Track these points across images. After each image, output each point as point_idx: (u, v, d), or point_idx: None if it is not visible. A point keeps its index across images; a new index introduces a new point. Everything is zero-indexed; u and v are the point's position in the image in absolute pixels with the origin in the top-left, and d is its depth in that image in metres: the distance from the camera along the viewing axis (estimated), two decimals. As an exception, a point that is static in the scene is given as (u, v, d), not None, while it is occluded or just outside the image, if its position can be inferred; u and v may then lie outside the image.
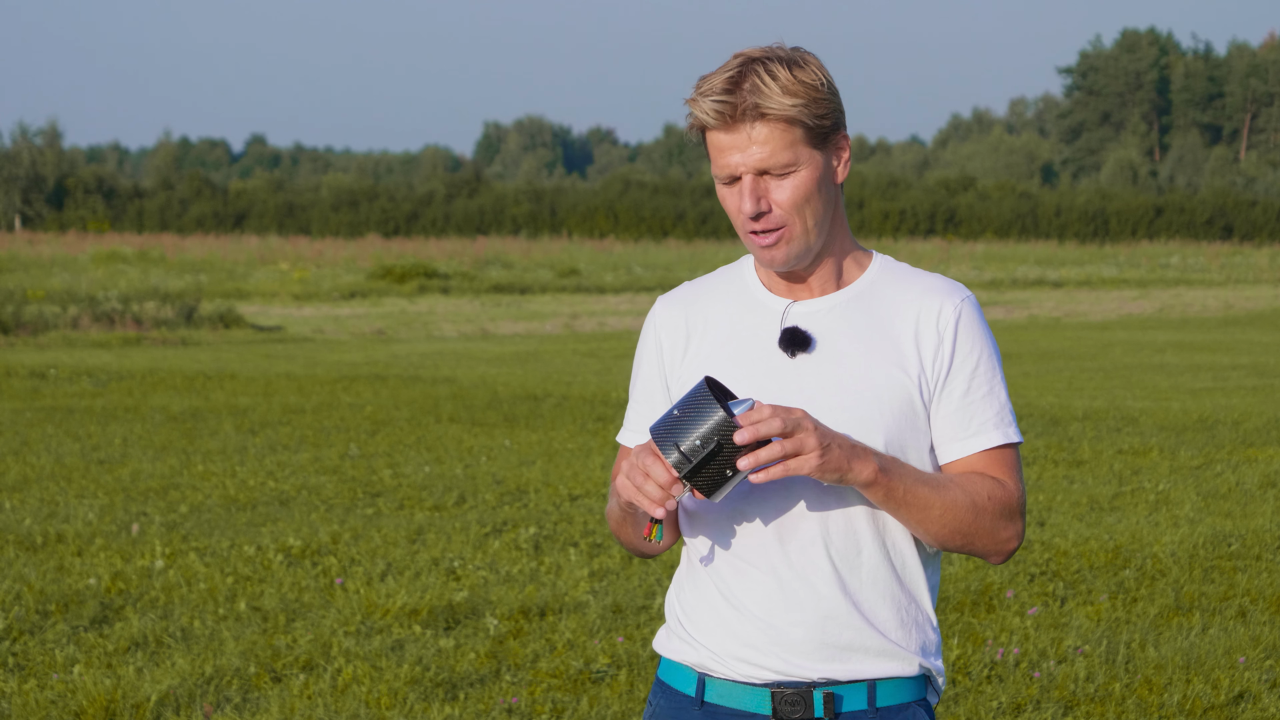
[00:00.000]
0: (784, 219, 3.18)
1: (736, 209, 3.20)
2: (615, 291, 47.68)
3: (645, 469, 3.02)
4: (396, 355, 26.71)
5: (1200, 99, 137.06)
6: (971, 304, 3.26)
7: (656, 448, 3.00)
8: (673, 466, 2.98)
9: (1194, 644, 8.31)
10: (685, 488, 3.00)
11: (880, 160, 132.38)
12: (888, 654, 3.21)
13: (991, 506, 3.15)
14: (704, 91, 3.15)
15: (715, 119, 3.14)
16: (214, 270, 50.80)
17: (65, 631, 8.62)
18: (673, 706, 3.31)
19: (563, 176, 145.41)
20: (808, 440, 2.97)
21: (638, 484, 3.02)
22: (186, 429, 16.55)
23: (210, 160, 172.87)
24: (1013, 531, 3.19)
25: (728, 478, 2.99)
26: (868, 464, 3.04)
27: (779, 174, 3.16)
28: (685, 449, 2.96)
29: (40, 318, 30.32)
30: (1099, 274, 57.98)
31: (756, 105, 3.12)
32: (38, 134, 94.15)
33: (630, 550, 3.38)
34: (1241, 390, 20.91)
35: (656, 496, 3.01)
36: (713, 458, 2.96)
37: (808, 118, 3.15)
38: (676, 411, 3.00)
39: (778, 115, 3.13)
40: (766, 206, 3.17)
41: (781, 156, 3.15)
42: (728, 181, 3.20)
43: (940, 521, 3.13)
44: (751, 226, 3.19)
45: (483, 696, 7.56)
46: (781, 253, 3.20)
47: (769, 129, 3.14)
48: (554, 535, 11.04)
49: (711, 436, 2.95)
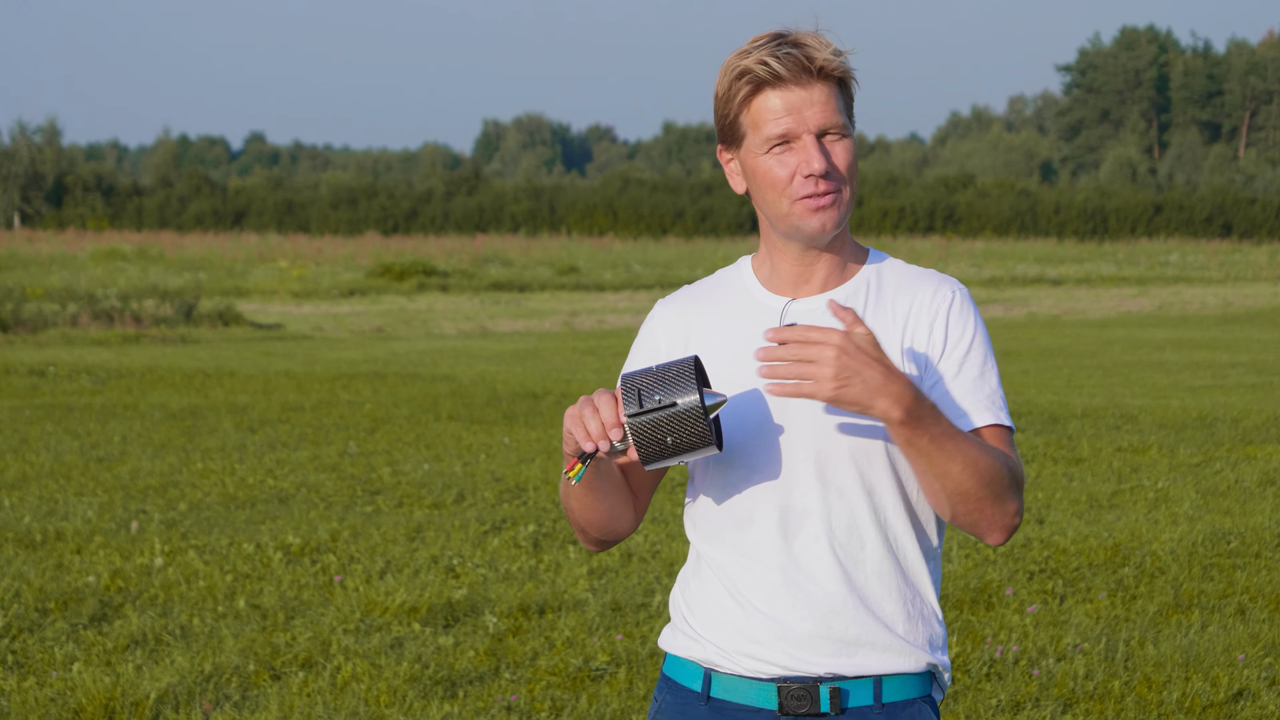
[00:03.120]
0: (842, 181, 3.18)
1: (789, 175, 3.17)
2: (614, 289, 47.67)
3: (596, 405, 3.03)
4: (395, 353, 26.71)
5: (1199, 97, 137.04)
6: (963, 293, 3.26)
7: (620, 390, 3.03)
8: (624, 409, 2.99)
9: (1193, 641, 8.31)
10: (624, 437, 3.01)
11: (879, 158, 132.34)
12: (894, 649, 3.21)
13: (1006, 474, 3.13)
14: (760, 52, 3.13)
15: (785, 69, 3.11)
16: (213, 268, 50.79)
17: (64, 629, 8.62)
18: (679, 702, 3.32)
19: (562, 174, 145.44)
20: (821, 370, 2.94)
21: (584, 415, 3.03)
22: (186, 427, 16.55)
23: (209, 158, 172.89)
24: (1017, 506, 3.17)
25: (666, 446, 3.00)
26: (896, 406, 2.98)
27: (836, 134, 3.17)
28: (644, 398, 2.99)
29: (39, 315, 30.31)
30: (1098, 272, 57.99)
31: (816, 60, 3.13)
32: (37, 131, 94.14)
33: (576, 527, 3.36)
34: (1240, 388, 20.91)
35: (595, 432, 3.01)
36: (661, 412, 2.98)
37: (853, 80, 3.19)
38: (655, 368, 3.04)
39: (835, 75, 3.15)
40: (832, 165, 3.17)
41: (839, 117, 3.17)
42: (778, 145, 3.17)
43: (959, 478, 3.07)
44: (813, 189, 3.16)
45: (482, 694, 7.56)
46: (835, 215, 3.18)
47: (828, 89, 3.15)
48: (553, 533, 11.04)
49: (671, 396, 2.98)
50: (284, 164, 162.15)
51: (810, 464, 3.19)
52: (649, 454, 3.02)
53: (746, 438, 3.22)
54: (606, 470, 3.23)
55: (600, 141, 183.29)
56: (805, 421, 3.19)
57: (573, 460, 3.08)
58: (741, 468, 3.23)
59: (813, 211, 3.17)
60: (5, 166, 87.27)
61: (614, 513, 3.30)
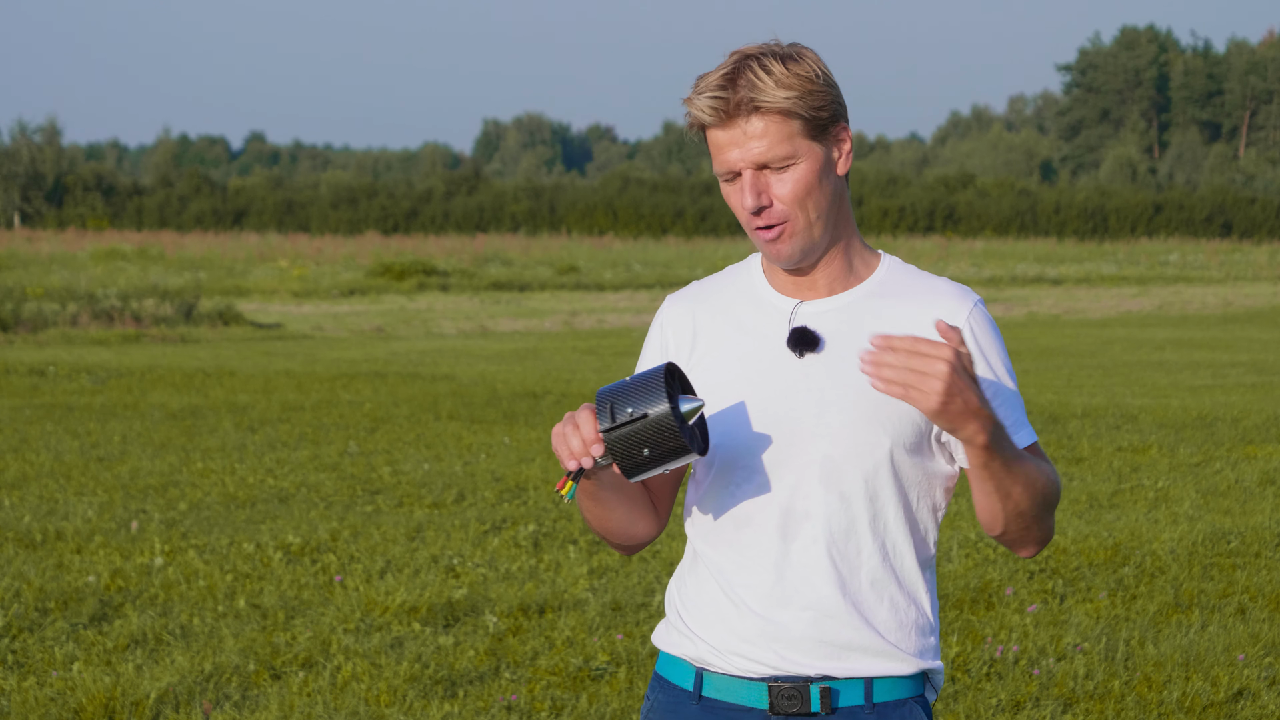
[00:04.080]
0: (786, 213, 3.18)
1: (739, 205, 3.20)
2: (614, 289, 47.68)
3: (577, 422, 3.04)
4: (396, 353, 26.71)
5: (1199, 96, 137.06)
6: (981, 310, 3.26)
7: (595, 405, 3.04)
8: (599, 423, 3.01)
9: (1193, 641, 8.31)
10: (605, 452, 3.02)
11: (879, 157, 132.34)
12: (885, 654, 3.22)
13: (1054, 493, 3.17)
14: (700, 90, 3.16)
15: (711, 115, 3.15)
16: (213, 268, 50.79)
17: (64, 629, 8.62)
18: (670, 701, 3.32)
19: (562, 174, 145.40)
20: (932, 382, 2.92)
21: (566, 433, 3.04)
22: (186, 426, 16.55)
23: (209, 158, 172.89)
24: (1053, 522, 3.22)
25: (643, 457, 3.01)
26: (983, 431, 2.99)
27: (778, 167, 3.16)
28: (615, 410, 3.00)
29: (39, 315, 30.31)
30: (1098, 271, 57.98)
31: (751, 99, 3.13)
32: (37, 131, 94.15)
33: (605, 537, 3.37)
34: (1241, 387, 20.91)
35: (576, 449, 3.03)
36: (632, 424, 2.99)
37: (804, 110, 3.15)
38: (629, 381, 3.05)
39: (773, 108, 3.13)
40: (768, 201, 3.17)
41: (779, 150, 3.15)
42: (729, 179, 3.20)
43: (1019, 499, 3.10)
44: (755, 222, 3.19)
45: (482, 694, 7.56)
46: (786, 247, 3.19)
47: (765, 122, 3.14)
48: (553, 532, 11.04)
49: (641, 408, 2.98)
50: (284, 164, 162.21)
51: (814, 467, 3.19)
52: (628, 467, 3.03)
53: (751, 439, 3.22)
54: (612, 481, 3.24)
55: (600, 141, 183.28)
56: (811, 425, 3.19)
57: (563, 478, 3.10)
58: (744, 468, 3.23)
59: (766, 243, 3.21)
60: (5, 166, 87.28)
61: (629, 520, 3.32)
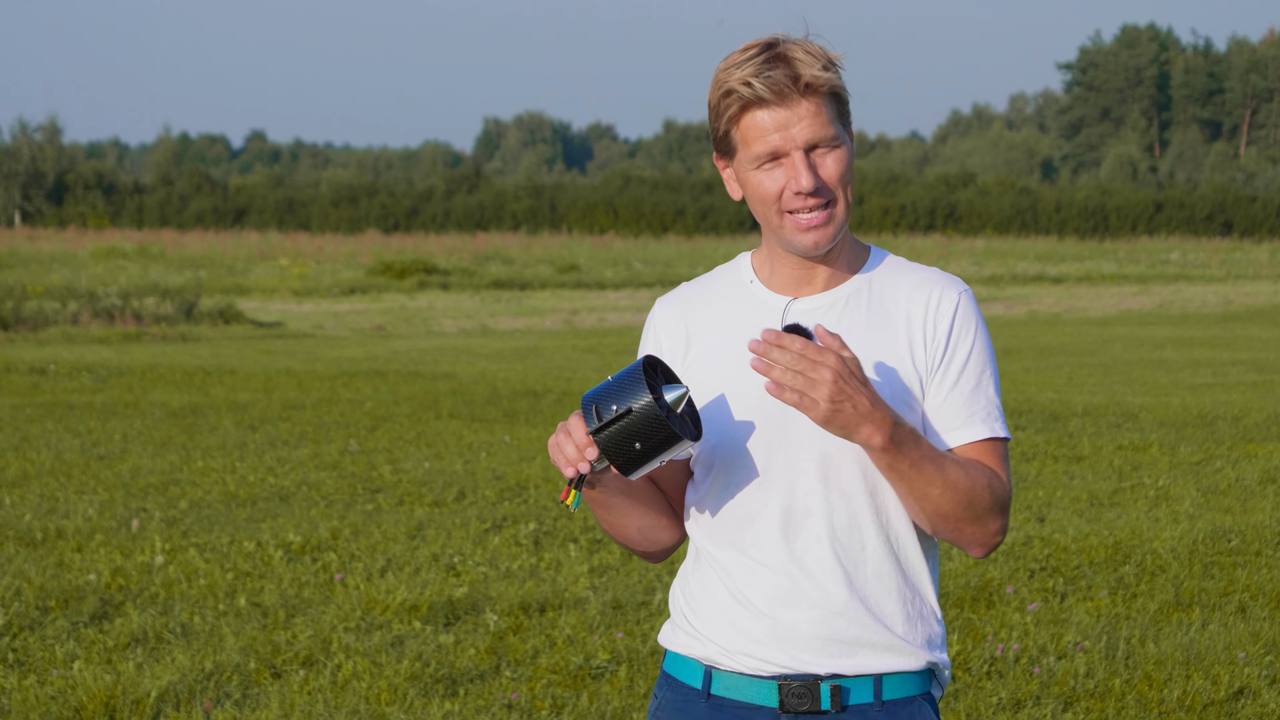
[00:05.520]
0: (833, 194, 3.17)
1: (778, 190, 3.17)
2: (615, 287, 47.68)
3: (569, 429, 3.06)
4: (396, 351, 26.71)
5: (1200, 95, 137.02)
6: (969, 297, 3.26)
7: (582, 409, 3.05)
8: (587, 424, 3.02)
9: (1194, 640, 8.31)
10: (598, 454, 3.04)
11: (880, 156, 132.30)
12: (894, 649, 3.22)
13: (988, 497, 3.16)
14: (746, 71, 3.12)
15: (768, 93, 3.11)
16: (214, 266, 50.79)
17: (65, 627, 8.62)
18: (679, 699, 3.32)
19: (562, 172, 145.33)
20: (817, 391, 2.95)
21: (559, 441, 3.06)
22: (186, 425, 16.55)
23: (210, 156, 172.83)
24: (999, 525, 3.20)
25: (636, 451, 3.01)
26: (877, 433, 3.01)
27: (827, 147, 3.16)
28: (600, 410, 3.01)
29: (40, 314, 30.32)
30: (1099, 270, 57.97)
31: (805, 78, 3.11)
32: (37, 130, 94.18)
33: (627, 547, 3.38)
34: (1241, 386, 20.91)
35: (570, 456, 3.05)
36: (618, 421, 3.00)
37: (843, 91, 3.17)
38: (610, 380, 3.06)
39: (824, 87, 3.13)
40: (821, 182, 3.16)
41: (829, 130, 3.15)
42: (768, 161, 3.17)
43: (939, 500, 3.11)
44: (802, 204, 3.17)
45: (483, 692, 7.56)
46: (829, 231, 3.19)
47: (817, 103, 3.13)
48: (554, 531, 11.04)
49: (625, 403, 3.00)
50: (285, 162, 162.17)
51: (814, 464, 3.19)
52: (624, 464, 3.04)
53: (748, 439, 3.22)
54: (620, 487, 3.23)
55: (601, 139, 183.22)
56: (807, 423, 3.18)
57: (565, 487, 3.11)
58: (743, 467, 3.23)
59: (804, 230, 3.18)
60: (6, 165, 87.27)
61: (650, 526, 3.32)
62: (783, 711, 3.21)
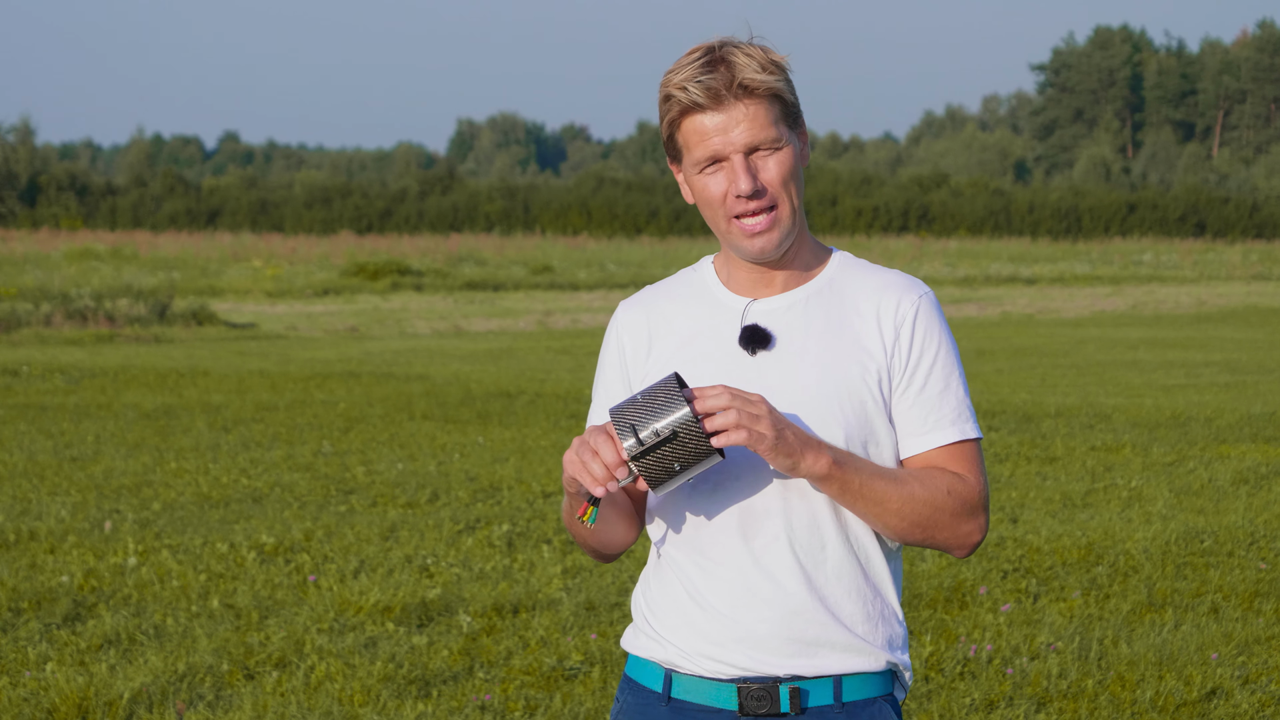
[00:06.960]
0: (775, 197, 3.17)
1: (721, 194, 3.18)
2: (589, 288, 47.66)
3: (595, 447, 3.02)
4: (370, 352, 26.68)
5: (1173, 96, 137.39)
6: (930, 300, 3.26)
7: (612, 428, 3.01)
8: (625, 449, 2.98)
9: (1166, 640, 8.33)
10: (630, 473, 3.01)
11: (853, 157, 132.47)
12: (854, 649, 3.21)
13: (951, 501, 3.16)
14: (683, 75, 3.13)
15: (703, 97, 3.12)
16: (187, 267, 50.67)
17: (38, 629, 8.60)
18: (640, 703, 3.32)
19: (536, 173, 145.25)
20: (760, 422, 2.99)
21: (585, 460, 3.02)
22: (159, 426, 16.51)
23: (183, 157, 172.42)
24: (974, 525, 3.20)
25: (675, 472, 3.00)
26: (821, 457, 3.05)
27: (768, 149, 3.16)
28: (642, 434, 2.98)
29: (13, 315, 30.24)
30: (1072, 271, 58.08)
31: (742, 81, 3.12)
32: (10, 131, 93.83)
33: (586, 550, 3.38)
34: (1214, 387, 20.96)
35: (600, 475, 3.01)
36: (664, 445, 2.97)
37: (786, 94, 3.16)
38: (640, 397, 3.01)
39: (762, 90, 3.13)
40: (761, 185, 3.16)
41: (769, 131, 3.15)
42: (709, 165, 3.17)
43: (898, 515, 3.13)
44: (743, 209, 3.17)
45: (456, 694, 7.55)
46: (775, 236, 3.19)
47: (755, 105, 3.13)
48: (527, 532, 11.03)
49: (670, 426, 2.97)
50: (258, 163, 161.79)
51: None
52: (658, 483, 3.02)
53: (707, 438, 3.22)
54: (609, 499, 3.25)
55: (574, 141, 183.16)
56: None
57: (583, 504, 3.08)
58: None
59: (749, 235, 3.19)
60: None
61: (621, 529, 3.33)
62: (742, 714, 3.21)
